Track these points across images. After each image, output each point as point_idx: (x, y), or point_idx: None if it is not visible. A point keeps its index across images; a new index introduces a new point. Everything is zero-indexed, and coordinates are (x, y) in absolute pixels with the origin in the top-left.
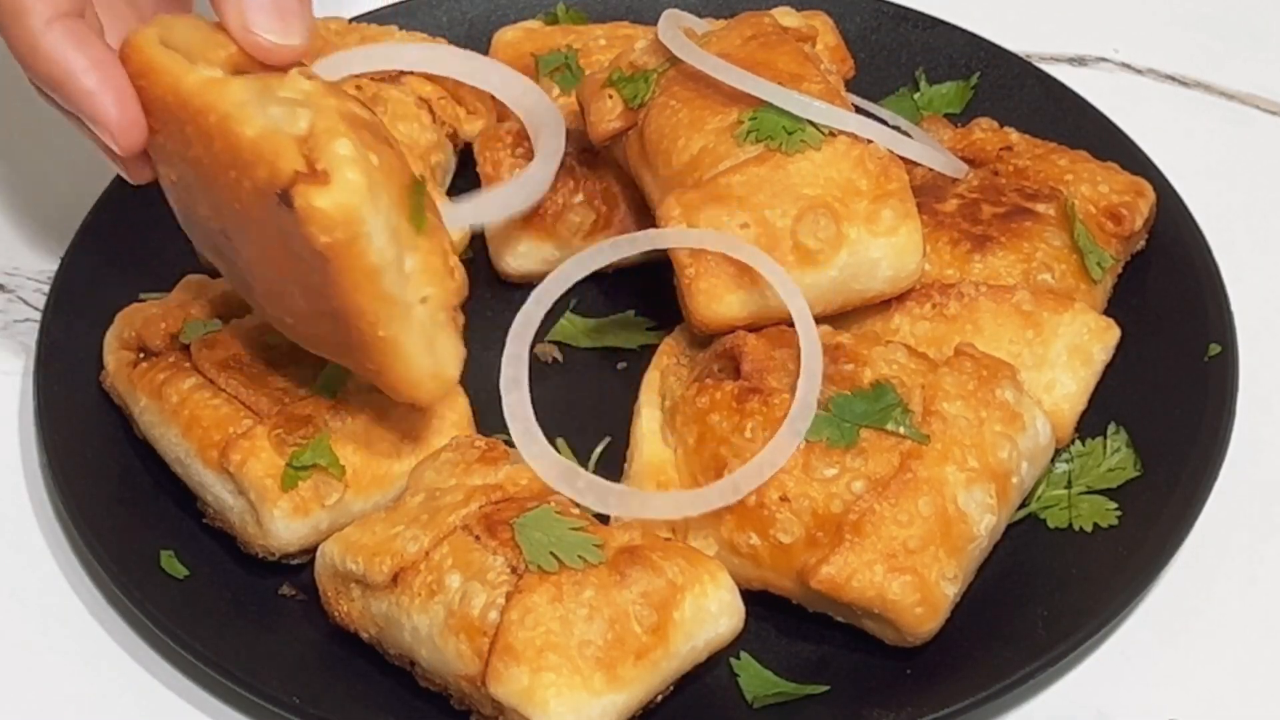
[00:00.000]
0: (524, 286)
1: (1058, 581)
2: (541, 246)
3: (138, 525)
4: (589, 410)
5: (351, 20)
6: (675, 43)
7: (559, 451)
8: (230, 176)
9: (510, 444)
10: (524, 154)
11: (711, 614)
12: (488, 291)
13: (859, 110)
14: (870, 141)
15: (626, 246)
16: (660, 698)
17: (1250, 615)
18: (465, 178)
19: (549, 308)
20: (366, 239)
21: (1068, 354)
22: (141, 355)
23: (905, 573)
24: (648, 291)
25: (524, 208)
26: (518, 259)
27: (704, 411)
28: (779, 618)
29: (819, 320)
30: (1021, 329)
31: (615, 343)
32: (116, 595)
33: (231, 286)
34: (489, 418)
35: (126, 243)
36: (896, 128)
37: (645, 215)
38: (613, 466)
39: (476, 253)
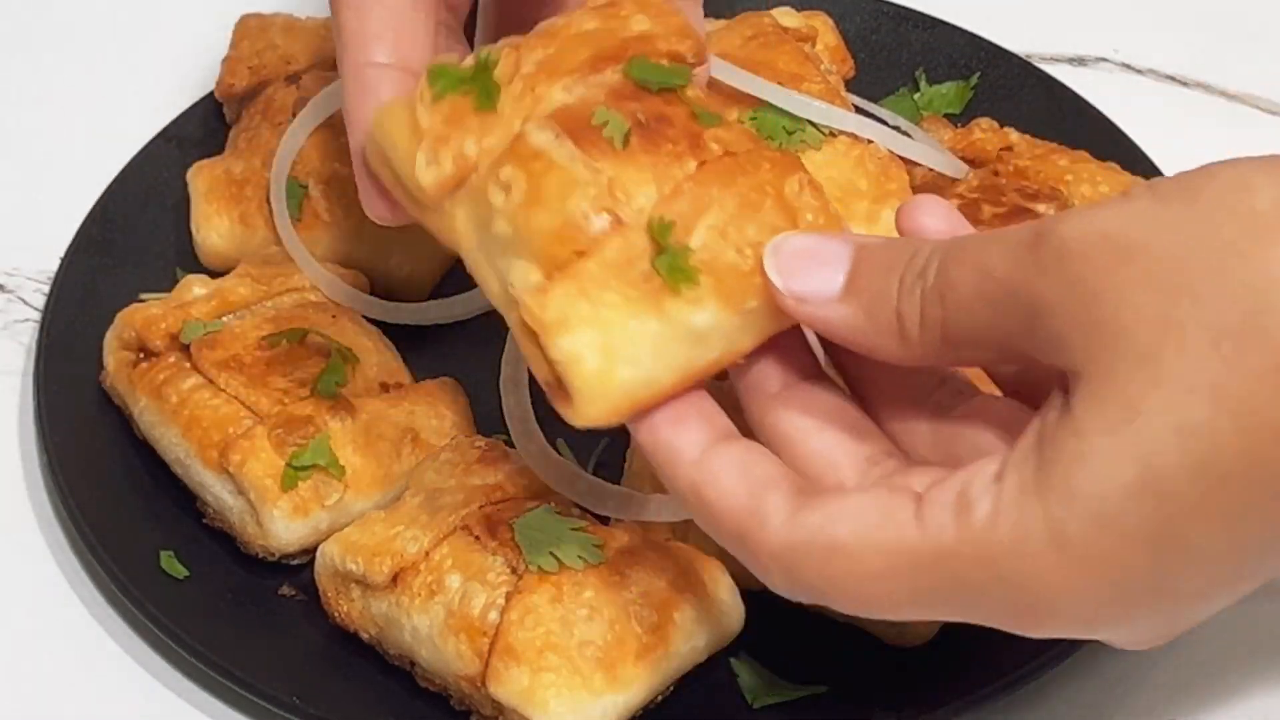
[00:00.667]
0: None
1: None
2: None
3: (138, 525)
4: None
5: None
6: None
7: (559, 452)
8: None
9: (510, 444)
10: None
11: (711, 614)
12: None
13: (859, 110)
14: (870, 141)
15: None
16: (660, 698)
17: (1250, 615)
18: None
19: None
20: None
21: None
22: (141, 355)
23: None
24: None
25: None
26: None
27: None
28: (779, 618)
29: None
30: None
31: None
32: (116, 595)
33: None
34: (489, 418)
35: (126, 243)
36: (896, 128)
37: None
38: (613, 467)
39: None
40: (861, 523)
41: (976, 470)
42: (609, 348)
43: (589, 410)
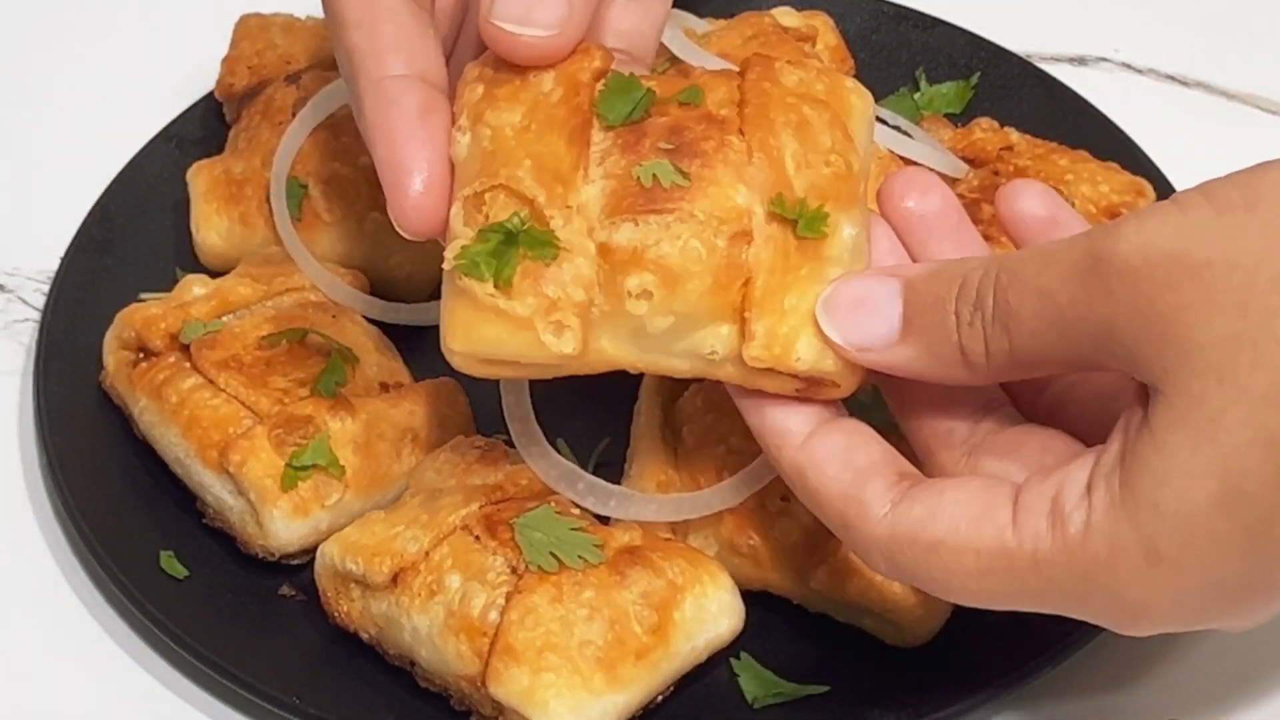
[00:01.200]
0: None
1: None
2: None
3: (138, 525)
4: (589, 410)
5: None
6: (675, 42)
7: (559, 452)
8: None
9: (510, 444)
10: None
11: (711, 614)
12: None
13: None
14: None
15: None
16: (660, 698)
17: None
18: None
19: None
20: None
21: None
22: (141, 355)
23: None
24: None
25: None
26: None
27: (703, 412)
28: (779, 618)
29: None
30: None
31: None
32: (116, 595)
33: None
34: (489, 418)
35: (126, 243)
36: (896, 128)
37: None
38: (613, 467)
39: None
40: (961, 522)
41: (1068, 478)
42: (817, 329)
43: (856, 379)
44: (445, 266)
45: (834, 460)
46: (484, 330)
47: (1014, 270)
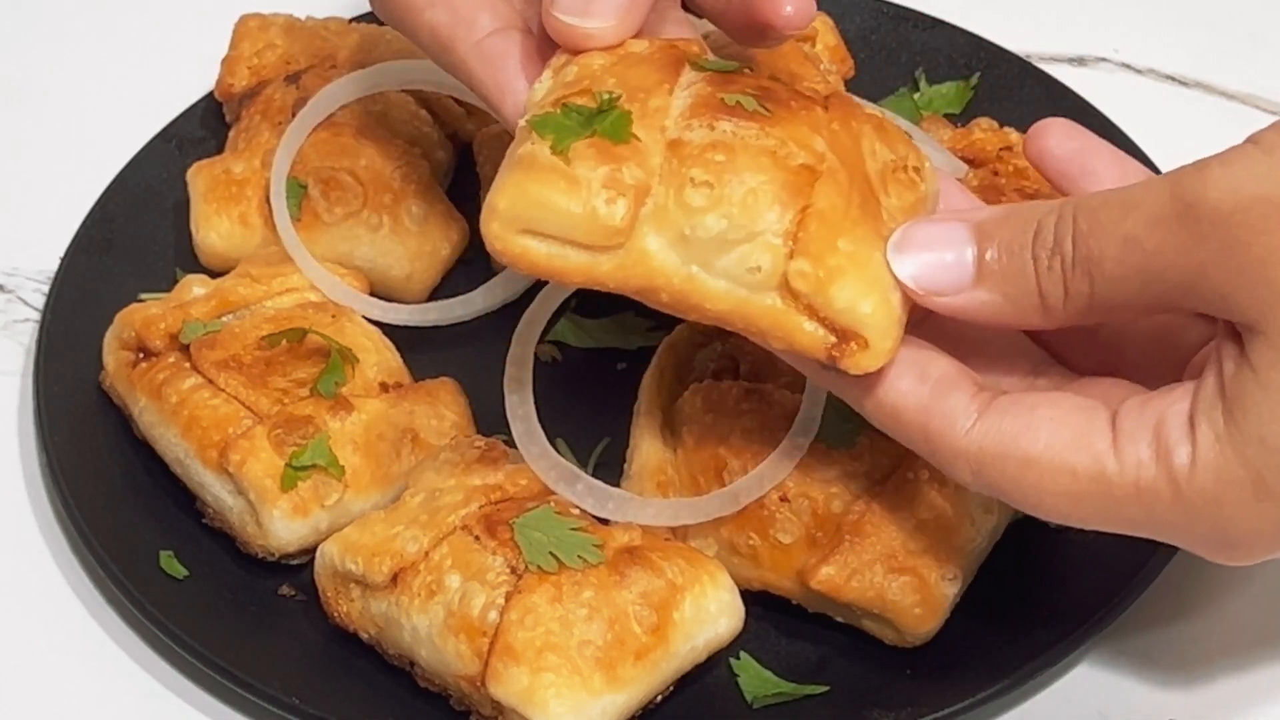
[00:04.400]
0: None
1: (1058, 581)
2: None
3: (138, 525)
4: (589, 410)
5: (351, 20)
6: None
7: (559, 452)
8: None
9: (510, 444)
10: None
11: (711, 614)
12: None
13: None
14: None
15: None
16: (660, 698)
17: (1250, 615)
18: (465, 178)
19: (555, 309)
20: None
21: None
22: (141, 355)
23: (905, 573)
24: None
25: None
26: None
27: (703, 412)
28: (779, 618)
29: None
30: None
31: (615, 343)
32: (116, 595)
33: None
34: (489, 418)
35: (126, 243)
36: None
37: None
38: (612, 467)
39: (476, 253)
40: (1058, 440)
41: (1170, 409)
42: (876, 280)
43: (888, 344)
44: (521, 122)
45: (907, 375)
46: (537, 190)
47: (1093, 215)
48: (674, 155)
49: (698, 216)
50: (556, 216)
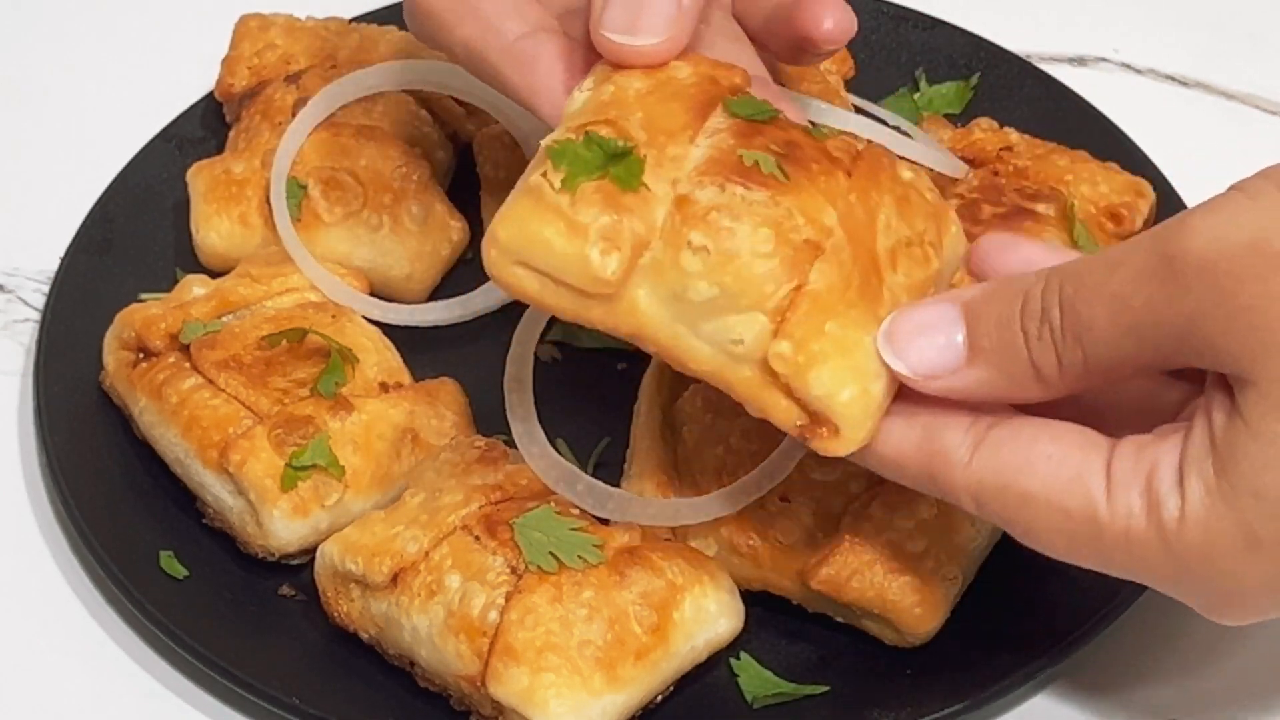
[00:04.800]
0: None
1: (1058, 581)
2: None
3: (138, 525)
4: (589, 410)
5: (351, 20)
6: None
7: (559, 452)
8: None
9: (510, 444)
10: (524, 155)
11: (711, 614)
12: None
13: (859, 110)
14: (870, 142)
15: None
16: (660, 698)
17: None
18: (465, 178)
19: None
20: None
21: None
22: (141, 355)
23: (905, 573)
24: None
25: None
26: None
27: (703, 412)
28: (779, 618)
29: None
30: None
31: (615, 343)
32: (116, 595)
33: None
34: (489, 418)
35: (126, 243)
36: (896, 128)
37: None
38: (613, 467)
39: (477, 253)
40: (1055, 481)
41: (1162, 456)
42: (858, 369)
43: (859, 435)
44: (544, 142)
45: (896, 423)
46: (537, 227)
47: (1079, 279)
48: (679, 212)
49: (690, 280)
50: (552, 257)
